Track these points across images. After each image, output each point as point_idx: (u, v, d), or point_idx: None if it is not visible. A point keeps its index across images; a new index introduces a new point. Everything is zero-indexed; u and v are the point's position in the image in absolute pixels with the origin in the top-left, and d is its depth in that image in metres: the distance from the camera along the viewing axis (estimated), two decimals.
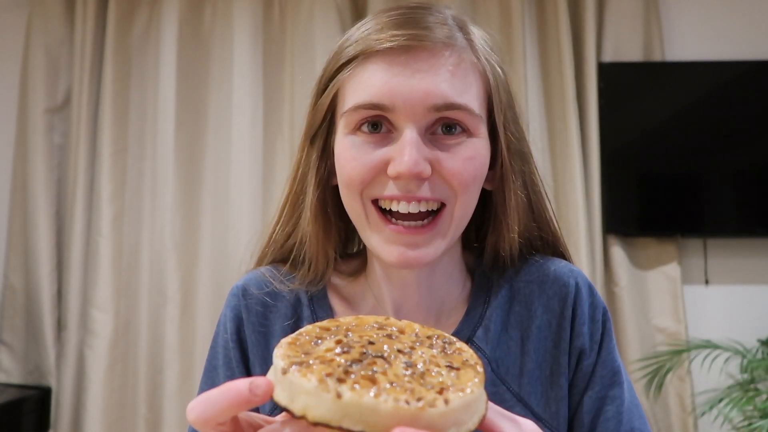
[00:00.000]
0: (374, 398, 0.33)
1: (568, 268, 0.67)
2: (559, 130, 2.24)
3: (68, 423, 2.19)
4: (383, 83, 0.58)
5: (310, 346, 0.39)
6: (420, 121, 0.58)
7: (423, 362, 0.38)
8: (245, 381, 0.37)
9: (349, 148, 0.60)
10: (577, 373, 0.64)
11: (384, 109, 0.58)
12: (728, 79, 2.23)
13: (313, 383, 0.34)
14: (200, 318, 2.21)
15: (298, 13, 2.32)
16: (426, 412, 0.34)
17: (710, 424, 2.06)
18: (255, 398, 0.37)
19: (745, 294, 2.24)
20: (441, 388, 0.35)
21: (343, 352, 0.38)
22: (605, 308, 0.67)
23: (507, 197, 0.64)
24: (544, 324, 0.65)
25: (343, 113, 0.61)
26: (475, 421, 0.37)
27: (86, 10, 2.31)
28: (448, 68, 0.58)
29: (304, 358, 0.37)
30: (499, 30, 2.27)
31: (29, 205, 2.29)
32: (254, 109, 2.28)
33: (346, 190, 0.61)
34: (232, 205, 2.25)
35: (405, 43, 0.58)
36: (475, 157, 0.60)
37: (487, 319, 0.66)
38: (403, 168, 0.56)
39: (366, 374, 0.35)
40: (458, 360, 0.39)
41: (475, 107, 0.60)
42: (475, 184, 0.61)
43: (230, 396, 0.37)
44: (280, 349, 0.38)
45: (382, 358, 0.38)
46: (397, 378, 0.36)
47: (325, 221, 0.65)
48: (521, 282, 0.67)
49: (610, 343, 0.65)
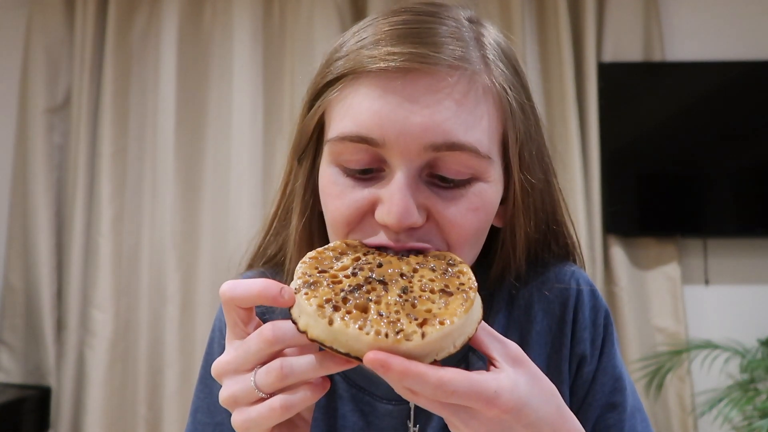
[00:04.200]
0: (358, 329, 0.39)
1: (569, 270, 0.63)
2: (559, 131, 2.24)
3: (68, 423, 2.19)
4: (373, 113, 0.49)
5: (331, 261, 0.46)
6: (415, 161, 0.49)
7: (419, 287, 0.43)
8: (278, 283, 0.42)
9: (333, 182, 0.52)
10: (578, 380, 0.61)
11: (373, 144, 0.49)
12: (728, 79, 2.22)
13: (313, 308, 0.40)
14: (200, 318, 2.21)
15: (298, 13, 2.31)
16: (402, 344, 0.38)
17: (710, 424, 2.06)
18: (281, 299, 0.42)
19: (745, 294, 2.24)
20: (424, 319, 0.40)
21: (352, 274, 0.44)
22: (608, 311, 0.62)
23: (516, 236, 0.58)
24: (544, 329, 0.61)
25: (327, 140, 0.53)
26: (459, 345, 0.41)
27: (86, 10, 2.31)
28: (455, 97, 0.49)
29: (317, 277, 0.43)
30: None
31: (29, 205, 2.28)
32: (254, 109, 2.28)
33: (331, 230, 0.55)
34: (232, 205, 2.25)
35: (403, 65, 0.48)
36: (480, 208, 0.51)
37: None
38: (392, 219, 0.48)
39: (361, 302, 0.41)
40: (454, 284, 0.43)
41: (484, 145, 0.50)
42: (477, 236, 0.53)
43: (264, 285, 0.42)
44: (302, 264, 0.45)
45: (382, 284, 0.43)
46: (387, 307, 0.41)
47: (309, 249, 0.60)
48: (520, 284, 0.63)
49: (612, 348, 0.61)
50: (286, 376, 0.42)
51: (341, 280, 0.43)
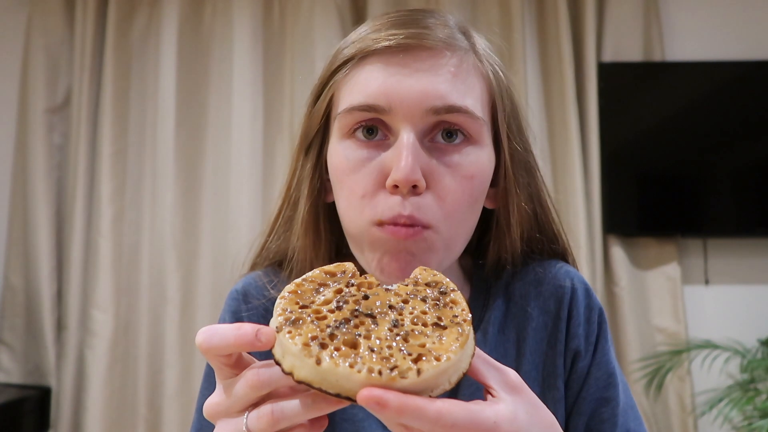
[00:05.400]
0: (349, 368, 0.36)
1: (564, 269, 0.66)
2: (559, 130, 2.24)
3: (68, 423, 2.19)
4: (379, 84, 0.55)
5: (312, 294, 0.42)
6: (418, 124, 0.54)
7: (411, 320, 0.40)
8: (254, 326, 0.39)
9: (344, 158, 0.56)
10: (572, 374, 0.63)
11: (380, 111, 0.54)
12: (728, 79, 2.23)
13: (298, 347, 0.37)
14: (200, 318, 2.21)
15: (298, 13, 2.31)
16: (397, 382, 0.36)
17: (710, 424, 2.06)
18: (258, 343, 0.39)
19: (745, 294, 2.24)
20: (419, 355, 0.37)
21: (336, 308, 0.40)
22: (601, 309, 0.65)
23: (510, 213, 0.61)
24: (540, 325, 0.64)
25: (336, 116, 0.58)
26: (454, 381, 0.39)
27: (86, 10, 2.31)
28: (449, 69, 0.55)
29: (299, 314, 0.40)
30: (499, 30, 2.27)
31: (29, 205, 2.28)
32: (254, 109, 2.28)
33: (347, 209, 0.57)
34: (232, 205, 2.25)
35: (404, 42, 0.55)
36: (475, 175, 0.56)
37: (485, 322, 0.65)
38: (400, 175, 0.52)
39: (349, 338, 0.38)
40: (448, 315, 0.41)
41: (478, 111, 0.56)
42: (471, 206, 0.57)
43: (237, 334, 0.40)
44: (281, 300, 0.41)
45: (370, 317, 0.40)
46: (378, 342, 0.38)
47: (316, 236, 0.62)
48: (517, 283, 0.66)
49: (606, 345, 0.64)
50: (277, 421, 0.41)
51: (326, 315, 0.40)
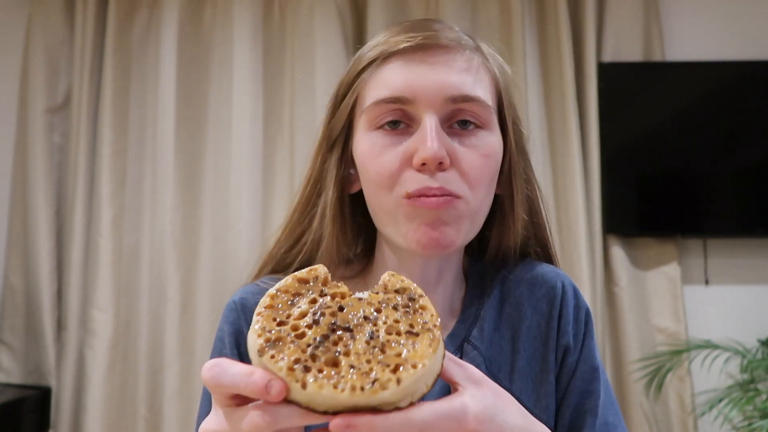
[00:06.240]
0: (333, 388, 0.38)
1: (554, 271, 0.72)
2: (559, 130, 2.24)
3: (68, 423, 2.19)
4: (402, 78, 0.61)
5: (287, 307, 0.43)
6: (439, 111, 0.61)
7: (385, 330, 0.42)
8: (265, 377, 0.39)
9: (371, 145, 0.63)
10: (562, 369, 0.68)
11: (404, 102, 0.61)
12: (728, 79, 2.23)
13: (284, 372, 0.39)
14: (200, 318, 2.21)
15: (298, 13, 2.31)
16: (379, 394, 0.38)
17: (710, 424, 2.06)
18: (267, 396, 0.39)
19: (745, 294, 2.25)
20: (397, 365, 0.40)
21: (313, 322, 0.42)
22: (588, 309, 0.71)
23: (515, 192, 0.67)
24: (533, 324, 0.69)
25: (363, 110, 0.64)
26: (430, 384, 0.41)
27: (86, 10, 2.31)
28: (462, 64, 0.63)
29: (278, 333, 0.41)
30: (499, 30, 2.27)
31: (29, 205, 2.28)
32: (254, 109, 2.28)
33: (375, 191, 0.63)
34: (232, 205, 2.25)
35: (421, 42, 0.62)
36: (491, 155, 0.63)
37: (482, 319, 0.69)
38: (428, 153, 0.58)
39: (330, 356, 0.40)
40: (418, 322, 0.43)
41: (488, 100, 0.64)
42: (490, 181, 0.64)
43: (248, 382, 0.39)
44: (258, 318, 0.42)
45: (347, 331, 0.42)
46: (357, 357, 0.40)
47: (342, 222, 0.68)
48: (512, 284, 0.71)
49: (591, 342, 0.70)
50: None
51: (304, 332, 0.41)
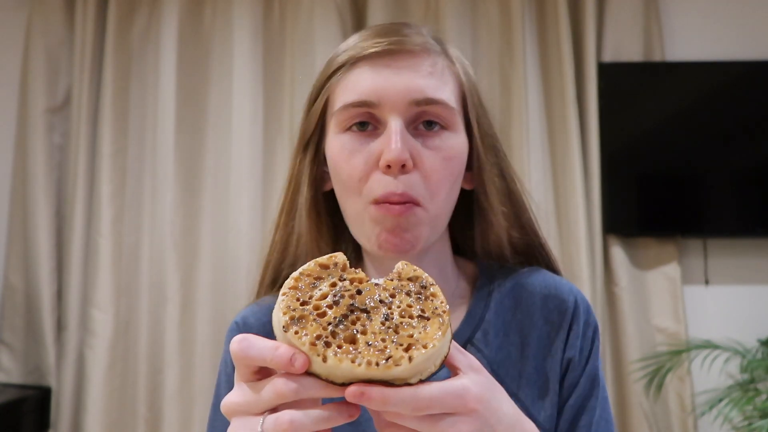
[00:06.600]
0: (350, 363, 0.42)
1: (569, 286, 0.73)
2: (559, 130, 2.24)
3: (68, 423, 2.19)
4: (369, 83, 0.64)
5: (309, 289, 0.47)
6: (404, 114, 0.63)
7: (399, 313, 0.46)
8: (290, 351, 0.43)
9: (341, 146, 0.65)
10: (564, 382, 0.69)
11: (371, 106, 0.63)
12: (728, 79, 2.23)
13: (306, 347, 0.43)
14: (200, 318, 2.21)
15: (298, 13, 2.31)
16: (392, 369, 0.42)
17: (710, 424, 2.06)
18: (291, 368, 0.42)
19: (745, 294, 2.24)
20: (409, 344, 0.44)
21: (333, 303, 0.46)
22: (596, 327, 0.72)
23: (487, 188, 0.69)
24: (543, 334, 0.70)
25: (333, 113, 0.66)
26: (438, 364, 0.46)
27: (86, 10, 2.31)
28: (427, 68, 0.65)
29: (302, 311, 0.45)
30: (499, 30, 2.27)
31: (29, 205, 2.28)
32: (254, 109, 2.28)
33: (345, 192, 0.66)
34: (232, 205, 2.25)
35: (388, 48, 0.64)
36: (453, 156, 0.65)
37: (487, 322, 0.70)
38: (392, 156, 0.61)
39: (348, 334, 0.44)
40: (429, 307, 0.47)
41: (452, 102, 0.66)
42: (452, 183, 0.66)
43: (275, 354, 0.43)
44: (283, 297, 0.46)
45: (365, 312, 0.46)
46: (373, 336, 0.44)
47: (318, 219, 0.70)
48: (525, 292, 0.72)
49: (596, 361, 0.70)
50: (295, 430, 0.43)
51: (325, 311, 0.45)
